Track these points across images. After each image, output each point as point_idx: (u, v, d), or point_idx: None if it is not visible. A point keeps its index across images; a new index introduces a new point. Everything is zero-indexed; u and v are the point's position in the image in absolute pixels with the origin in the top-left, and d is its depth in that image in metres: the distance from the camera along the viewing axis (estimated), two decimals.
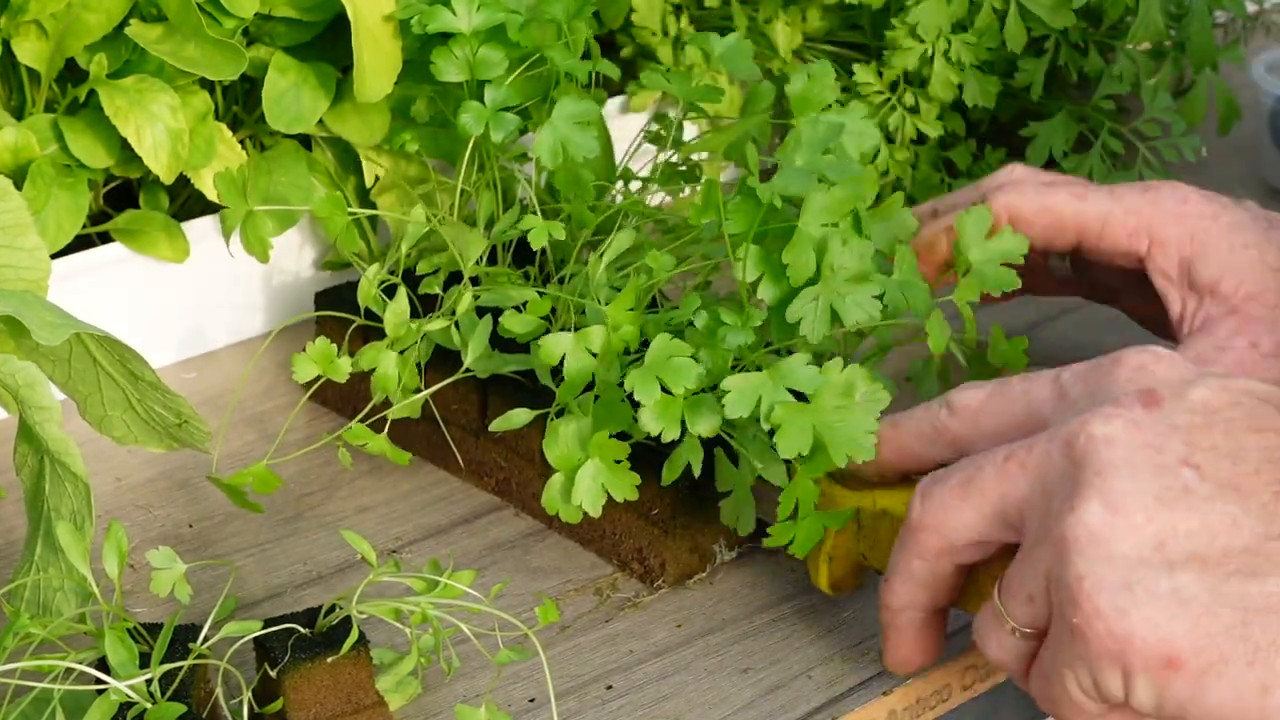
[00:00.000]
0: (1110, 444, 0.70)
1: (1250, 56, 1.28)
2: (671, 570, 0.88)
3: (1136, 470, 0.70)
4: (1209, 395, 0.72)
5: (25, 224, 0.86)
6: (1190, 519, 0.69)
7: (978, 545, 0.76)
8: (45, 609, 0.81)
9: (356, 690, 0.77)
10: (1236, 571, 0.68)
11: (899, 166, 1.17)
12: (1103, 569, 0.69)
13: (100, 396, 0.86)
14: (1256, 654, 0.67)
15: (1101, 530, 0.69)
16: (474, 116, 0.94)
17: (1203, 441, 0.70)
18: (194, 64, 0.97)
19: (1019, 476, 0.73)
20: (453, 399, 0.94)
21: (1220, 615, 0.68)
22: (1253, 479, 0.69)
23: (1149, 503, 0.69)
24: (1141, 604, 0.68)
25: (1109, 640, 0.69)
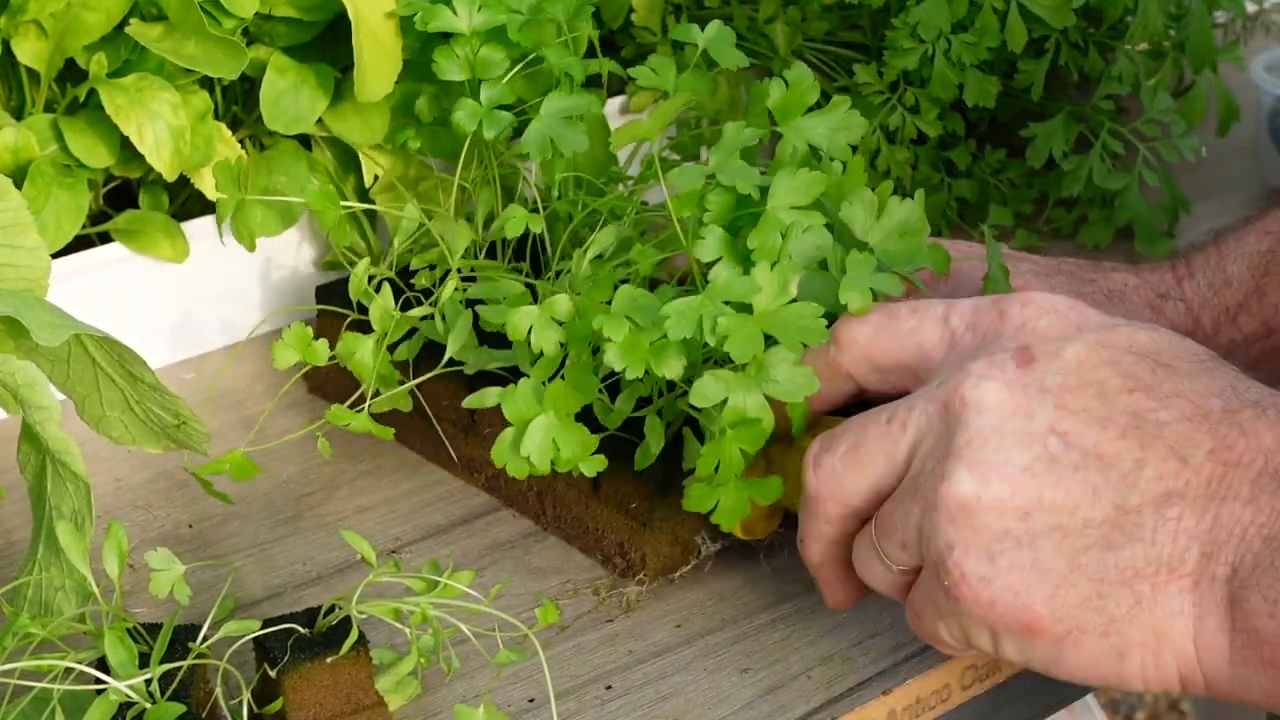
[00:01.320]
0: (981, 410, 0.72)
1: (1250, 56, 1.28)
2: (652, 564, 0.88)
3: (1004, 439, 0.71)
4: (1084, 353, 0.73)
5: (25, 223, 0.86)
6: (1055, 490, 0.71)
7: (879, 500, 0.77)
8: (46, 609, 0.81)
9: (356, 690, 0.77)
10: (1095, 543, 0.70)
11: (899, 167, 1.17)
12: (969, 537, 0.71)
13: (99, 397, 0.86)
14: (1110, 624, 0.70)
15: (969, 500, 0.71)
16: (468, 114, 0.95)
17: (1073, 405, 0.71)
18: (195, 62, 0.97)
19: (901, 436, 0.75)
20: (443, 395, 0.95)
21: (1078, 587, 0.70)
22: (1117, 445, 0.71)
23: (1015, 473, 0.71)
24: (1004, 573, 0.71)
25: (975, 605, 0.72)
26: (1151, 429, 0.71)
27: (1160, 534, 0.70)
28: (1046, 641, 0.72)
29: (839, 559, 0.80)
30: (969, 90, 1.15)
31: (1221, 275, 0.95)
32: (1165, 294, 0.94)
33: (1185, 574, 0.70)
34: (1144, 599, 0.70)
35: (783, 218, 0.82)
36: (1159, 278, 0.95)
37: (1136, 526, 0.70)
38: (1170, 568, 0.70)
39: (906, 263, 0.84)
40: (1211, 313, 0.94)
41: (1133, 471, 0.70)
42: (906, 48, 1.14)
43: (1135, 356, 0.73)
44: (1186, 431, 0.70)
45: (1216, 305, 0.94)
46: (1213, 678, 0.70)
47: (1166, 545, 0.70)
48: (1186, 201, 1.20)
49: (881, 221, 0.85)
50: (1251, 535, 0.69)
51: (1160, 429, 0.71)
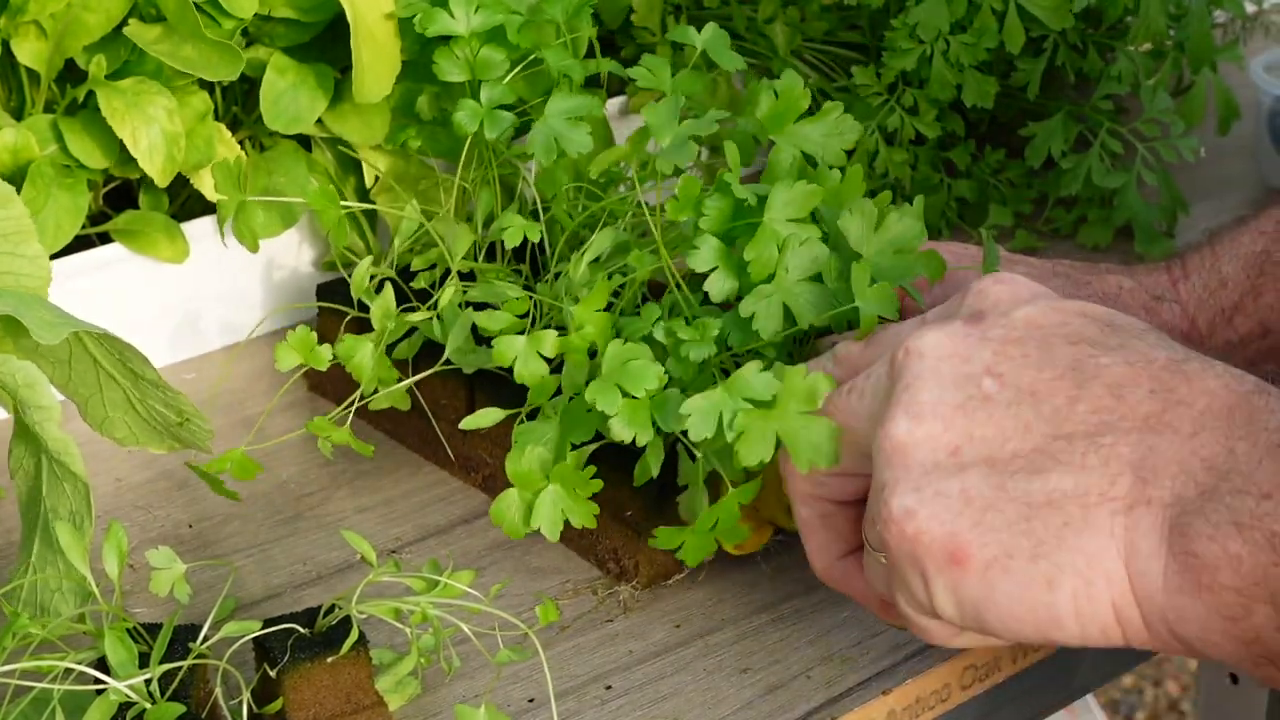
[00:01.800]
0: (921, 356, 0.72)
1: (1249, 56, 1.28)
2: (645, 572, 0.88)
3: (940, 380, 0.71)
4: (1035, 314, 0.73)
5: (27, 231, 0.86)
6: (986, 426, 0.70)
7: (843, 479, 0.77)
8: (44, 609, 0.81)
9: (356, 690, 0.77)
10: (1022, 469, 0.69)
11: (898, 167, 1.17)
12: (900, 475, 0.71)
13: (101, 398, 0.86)
14: (1040, 547, 0.69)
15: (904, 440, 0.71)
16: (469, 114, 0.95)
17: (1012, 351, 0.72)
18: (191, 65, 0.97)
19: (857, 404, 0.75)
20: (441, 394, 0.95)
21: (1004, 510, 0.69)
22: (1052, 384, 0.70)
23: (948, 411, 0.71)
24: (928, 503, 0.70)
25: (903, 542, 0.71)
26: (1090, 370, 0.70)
27: (1090, 459, 0.69)
28: (974, 571, 0.69)
29: (836, 556, 0.80)
30: (968, 91, 1.15)
31: (1216, 276, 0.95)
32: (1160, 296, 0.94)
33: (1116, 497, 0.68)
34: (1073, 520, 0.68)
35: (779, 230, 0.82)
36: (1154, 280, 0.95)
37: (1065, 452, 0.69)
38: (1100, 491, 0.68)
39: (901, 276, 0.83)
40: (1207, 314, 0.94)
41: (1065, 406, 0.70)
42: (905, 48, 1.14)
43: (1085, 319, 0.73)
44: (1126, 374, 0.70)
45: (1212, 306, 0.94)
46: (1146, 606, 0.68)
47: (1096, 470, 0.68)
48: (1185, 201, 1.20)
49: (879, 234, 0.85)
50: (1194, 466, 0.67)
51: (1099, 370, 0.70)
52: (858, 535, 0.79)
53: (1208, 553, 0.66)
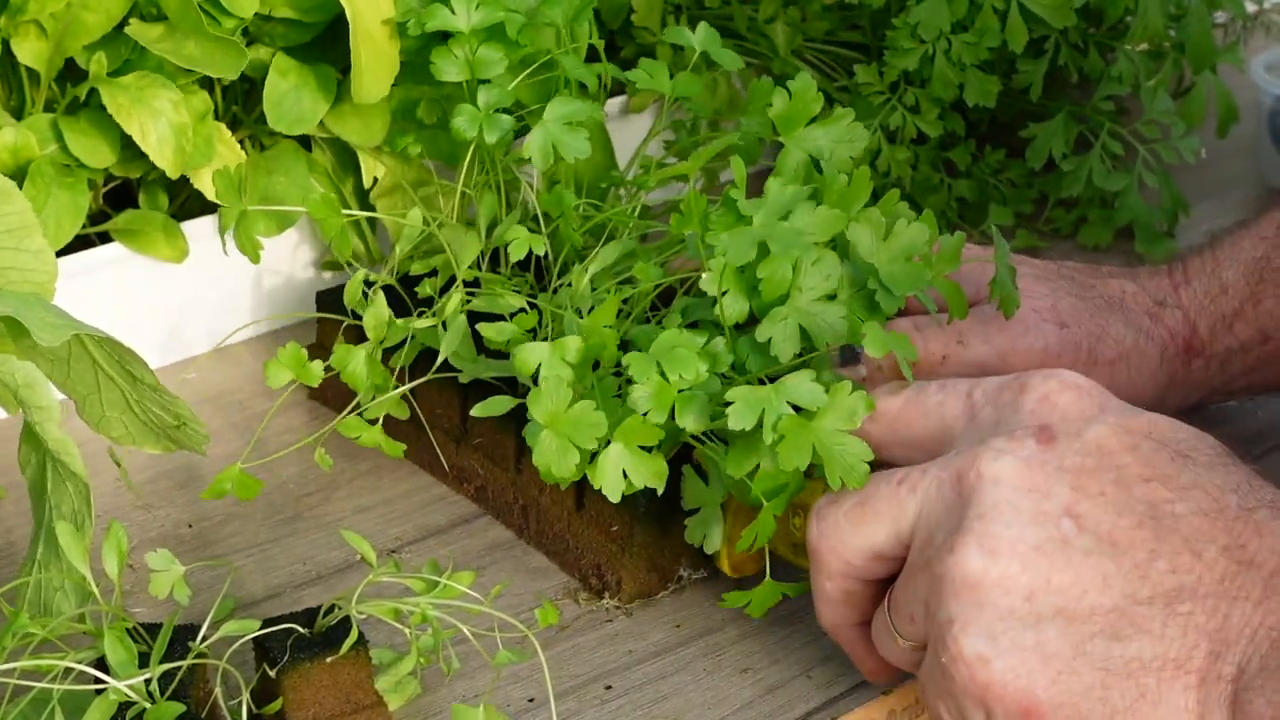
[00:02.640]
0: (997, 484, 0.71)
1: (1249, 57, 1.28)
2: (628, 588, 0.87)
3: (1019, 516, 0.70)
4: (1105, 435, 0.72)
5: (31, 226, 0.86)
6: (1064, 573, 0.69)
7: (876, 563, 0.76)
8: (45, 609, 0.81)
9: (355, 690, 0.77)
10: (1101, 631, 0.69)
11: (899, 166, 1.17)
12: (972, 614, 0.70)
13: (99, 397, 0.86)
14: (1113, 716, 0.69)
15: (976, 575, 0.70)
16: (468, 119, 0.94)
17: (1090, 488, 0.70)
18: (194, 62, 0.97)
19: (909, 500, 0.74)
20: (437, 403, 0.94)
21: (1081, 674, 0.69)
22: (1131, 535, 0.69)
23: (1025, 551, 0.70)
24: (1005, 653, 0.69)
25: (972, 685, 0.70)
26: (1167, 521, 0.69)
27: (1170, 628, 0.68)
28: None
29: (849, 621, 0.79)
30: (969, 90, 1.15)
31: (1217, 282, 0.94)
32: (1163, 301, 0.94)
33: (1192, 671, 0.68)
34: (1149, 693, 0.68)
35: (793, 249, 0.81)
36: (1156, 284, 0.95)
37: (1146, 619, 0.68)
38: (1178, 664, 0.68)
39: (911, 286, 0.83)
40: (1208, 320, 0.94)
41: (1145, 562, 0.69)
42: (907, 48, 1.14)
43: (1155, 444, 0.71)
44: (1202, 526, 0.69)
45: (1213, 312, 0.94)
46: None
47: (1175, 641, 0.68)
48: (1186, 202, 1.20)
49: (888, 243, 0.84)
50: (1260, 637, 0.67)
51: (1176, 521, 0.69)
52: (873, 608, 0.78)
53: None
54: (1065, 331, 0.90)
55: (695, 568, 0.88)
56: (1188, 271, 0.95)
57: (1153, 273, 0.96)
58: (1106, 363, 0.91)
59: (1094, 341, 0.90)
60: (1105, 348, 0.91)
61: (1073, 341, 0.90)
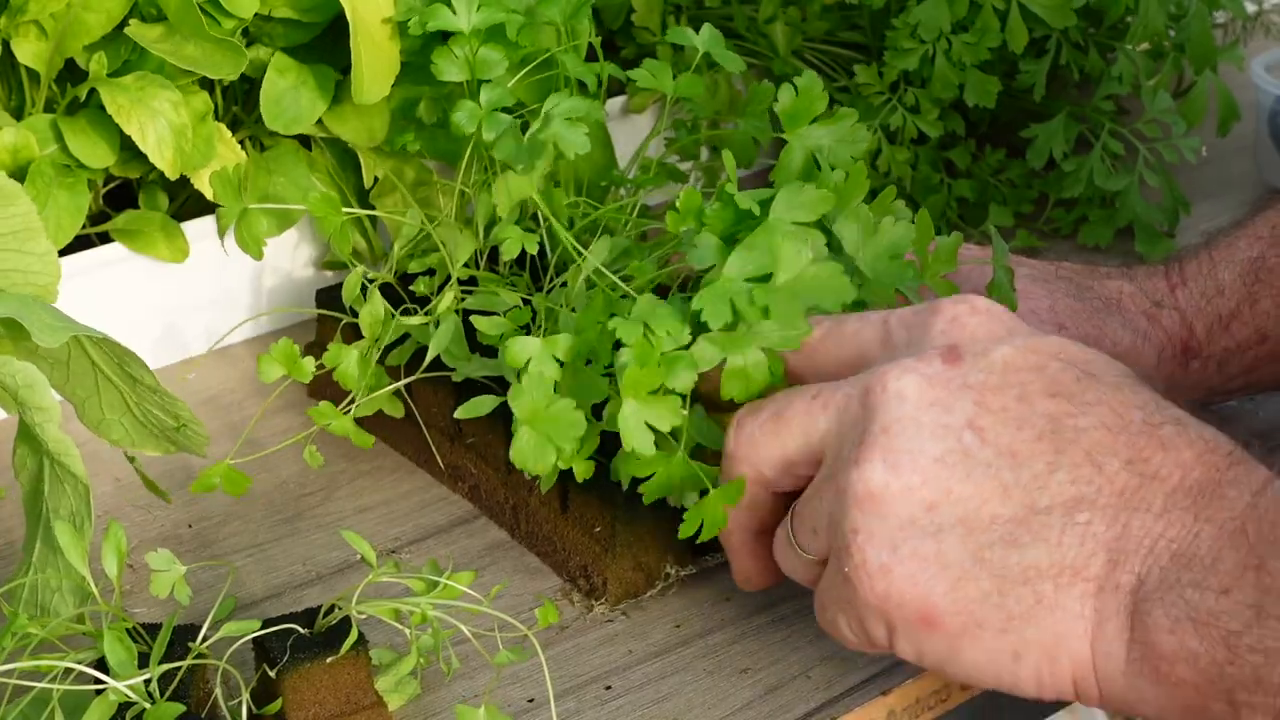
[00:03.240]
0: (901, 399, 0.72)
1: (1250, 57, 1.28)
2: (614, 589, 0.87)
3: (921, 430, 0.71)
4: (1011, 355, 0.73)
5: (35, 228, 0.86)
6: (965, 484, 0.70)
7: (787, 475, 0.78)
8: (44, 610, 0.81)
9: (355, 690, 0.77)
10: (1000, 539, 0.70)
11: (899, 166, 1.17)
12: (875, 525, 0.71)
13: (99, 399, 0.86)
14: (1009, 622, 0.70)
15: (879, 488, 0.71)
16: (467, 115, 0.94)
17: (992, 403, 0.71)
18: (194, 63, 0.97)
19: (820, 416, 0.76)
20: (431, 402, 0.94)
21: (978, 580, 0.70)
22: (1032, 447, 0.70)
23: (927, 464, 0.71)
24: (905, 561, 0.71)
25: (872, 595, 0.72)
26: (1069, 434, 0.70)
27: (1067, 536, 0.69)
28: (942, 636, 0.71)
29: (746, 528, 0.81)
30: (969, 90, 1.15)
31: (1214, 283, 0.95)
32: (1160, 302, 0.94)
33: (1089, 578, 0.69)
34: (1045, 599, 0.69)
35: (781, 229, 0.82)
36: (1153, 285, 0.95)
37: (1044, 527, 0.69)
38: (1074, 570, 0.69)
39: (894, 283, 0.83)
40: (1205, 321, 0.94)
41: (1045, 473, 0.70)
42: (907, 48, 1.14)
43: (1061, 364, 0.72)
44: (1104, 440, 0.70)
45: (1210, 313, 0.94)
46: (1107, 686, 0.70)
47: (1072, 548, 0.69)
48: (1187, 202, 1.20)
49: (874, 240, 0.84)
50: (1160, 549, 0.68)
51: (1078, 435, 0.70)
52: (773, 518, 0.80)
53: (1166, 645, 0.67)
54: (1063, 333, 0.90)
55: (683, 564, 0.88)
56: (1184, 272, 0.96)
57: (1150, 273, 0.96)
58: None
59: (1091, 342, 0.90)
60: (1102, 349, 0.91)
61: None
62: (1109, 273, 0.96)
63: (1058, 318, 0.91)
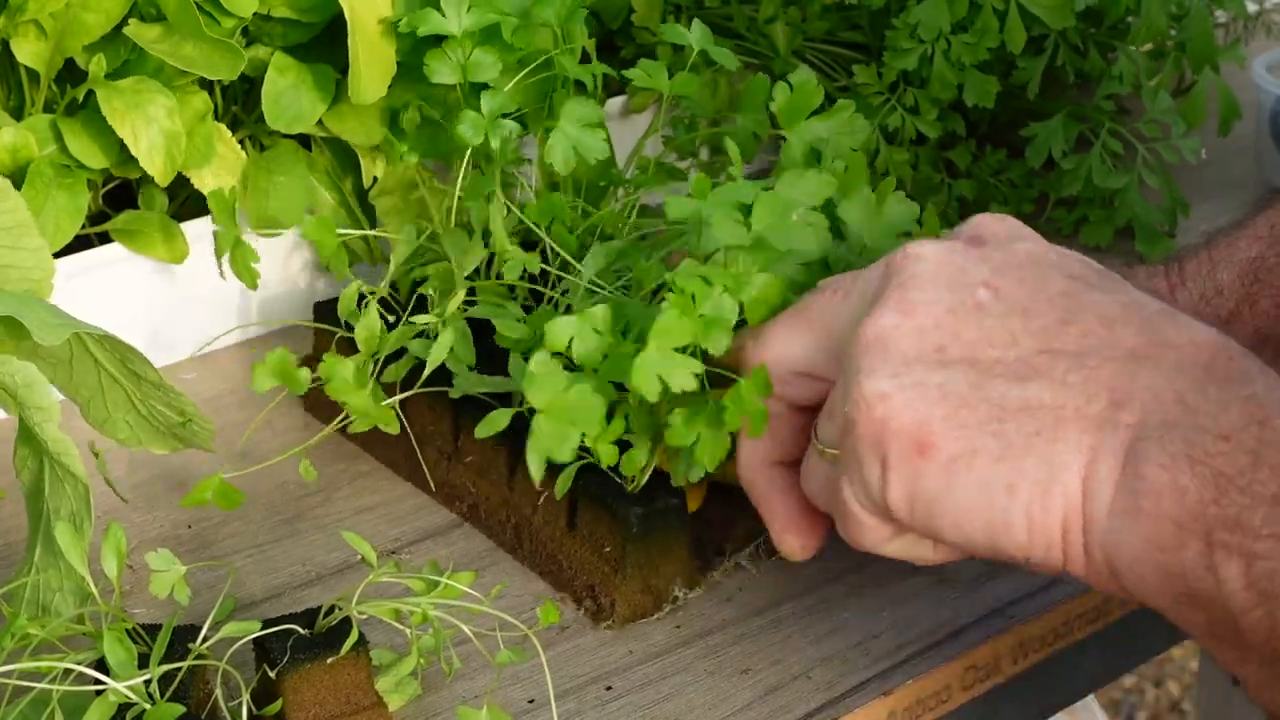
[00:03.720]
0: (921, 259, 0.73)
1: (1251, 56, 1.28)
2: (622, 610, 0.86)
3: (937, 283, 0.72)
4: (1034, 248, 0.74)
5: (27, 224, 0.86)
6: (974, 330, 0.71)
7: (806, 380, 0.77)
8: (44, 610, 0.81)
9: (356, 691, 0.77)
10: (1003, 375, 0.70)
11: (899, 167, 1.17)
12: (878, 361, 0.71)
13: (103, 399, 0.86)
14: (1007, 450, 0.69)
15: (889, 330, 0.71)
16: (472, 125, 0.94)
17: (1010, 273, 0.73)
18: (192, 64, 0.97)
19: (842, 304, 0.76)
20: (429, 420, 0.93)
21: (978, 409, 0.69)
22: (1045, 304, 0.71)
23: (940, 313, 0.71)
24: (905, 389, 0.70)
25: (870, 424, 0.71)
26: (1083, 300, 0.71)
27: (1073, 376, 0.69)
28: (937, 463, 0.70)
29: (772, 458, 0.80)
30: (969, 90, 1.15)
31: (1213, 284, 0.95)
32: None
33: (1089, 415, 0.68)
34: (1044, 430, 0.69)
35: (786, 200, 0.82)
36: (1153, 286, 0.95)
37: (1050, 366, 0.70)
38: (1076, 407, 0.69)
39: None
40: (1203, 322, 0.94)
41: (1056, 326, 0.71)
42: (906, 48, 1.14)
43: (1081, 263, 0.74)
44: (1118, 312, 0.71)
45: (1208, 314, 0.94)
46: (1090, 529, 0.69)
47: (1077, 388, 0.69)
48: (1186, 203, 1.20)
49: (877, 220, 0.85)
50: (1167, 397, 0.68)
51: (1092, 304, 0.71)
52: (797, 446, 0.79)
53: (1156, 479, 0.67)
54: None
55: (691, 587, 0.87)
56: (1184, 272, 0.95)
57: (1150, 274, 0.96)
58: None
59: None
60: None
61: None
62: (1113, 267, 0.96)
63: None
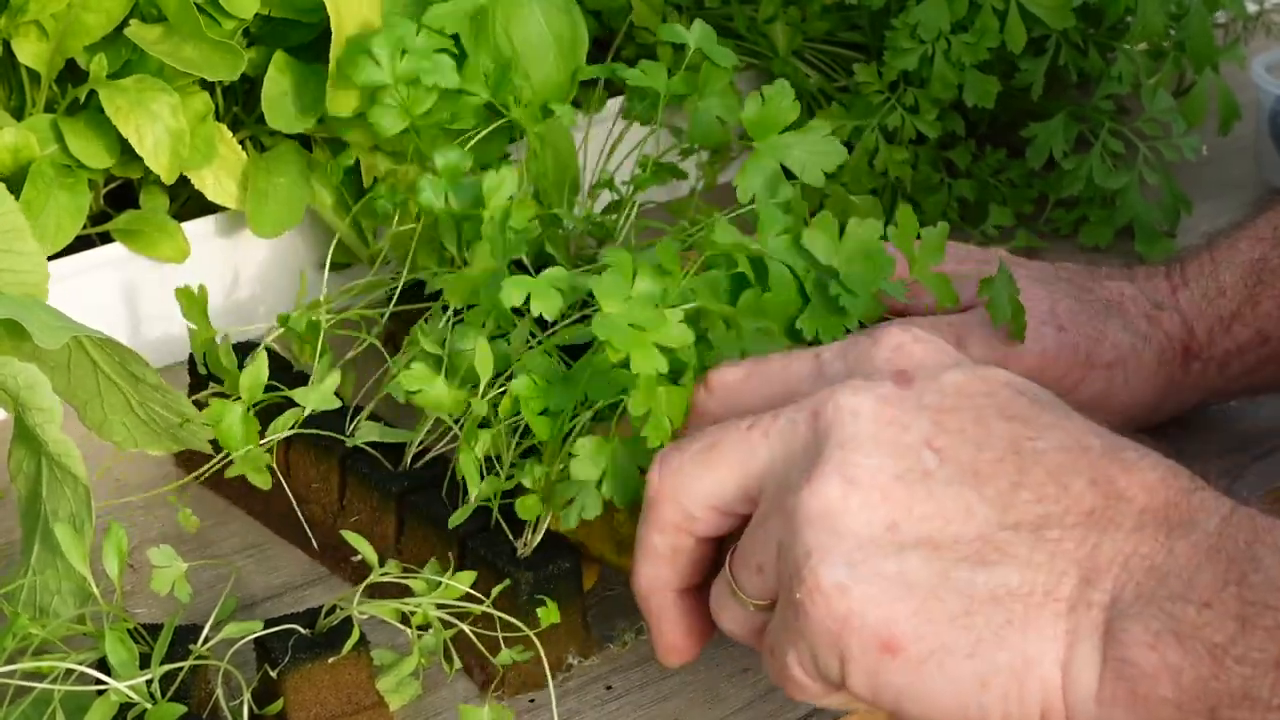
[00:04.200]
0: (856, 416, 0.68)
1: (1250, 56, 1.28)
2: (512, 680, 0.81)
3: (879, 446, 0.67)
4: (963, 380, 0.69)
5: (22, 228, 0.86)
6: (927, 503, 0.66)
7: (717, 515, 0.72)
8: (42, 611, 0.81)
9: (357, 691, 0.77)
10: (966, 559, 0.66)
11: (898, 167, 1.17)
12: (830, 542, 0.66)
13: (100, 401, 0.86)
14: (978, 645, 0.65)
15: (835, 504, 0.66)
16: (432, 189, 0.90)
17: (950, 424, 0.68)
18: (192, 65, 0.97)
19: (760, 445, 0.70)
20: (314, 477, 0.89)
21: (946, 602, 0.65)
22: (994, 466, 0.67)
23: (886, 481, 0.67)
24: (865, 582, 0.66)
25: (828, 619, 0.66)
26: (1030, 455, 0.67)
27: (1038, 554, 0.65)
28: (905, 663, 0.66)
29: (668, 585, 0.75)
30: (969, 90, 1.15)
31: (1215, 284, 0.94)
32: (1161, 304, 0.94)
33: (1061, 598, 0.65)
34: (1016, 620, 0.65)
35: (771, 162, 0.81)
36: (1154, 286, 0.95)
37: (1012, 545, 0.65)
38: (1046, 590, 0.65)
39: (873, 283, 0.82)
40: (1205, 323, 0.94)
41: (1009, 491, 0.66)
42: (906, 48, 1.14)
43: (1012, 391, 0.69)
44: (1066, 461, 0.67)
45: (1210, 315, 0.94)
46: (1075, 713, 0.65)
47: (1044, 566, 0.65)
48: (1188, 201, 1.20)
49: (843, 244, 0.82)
50: (1135, 565, 0.65)
51: (1039, 456, 0.67)
52: (699, 574, 0.75)
53: (1146, 661, 0.64)
54: (1063, 335, 0.90)
55: (585, 654, 0.84)
56: (1185, 274, 0.95)
57: (1150, 274, 0.96)
58: (1104, 366, 0.90)
59: (1091, 345, 0.90)
60: (1103, 351, 0.90)
61: (1070, 345, 0.90)
62: (1110, 274, 0.96)
63: (1058, 320, 0.90)
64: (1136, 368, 0.92)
